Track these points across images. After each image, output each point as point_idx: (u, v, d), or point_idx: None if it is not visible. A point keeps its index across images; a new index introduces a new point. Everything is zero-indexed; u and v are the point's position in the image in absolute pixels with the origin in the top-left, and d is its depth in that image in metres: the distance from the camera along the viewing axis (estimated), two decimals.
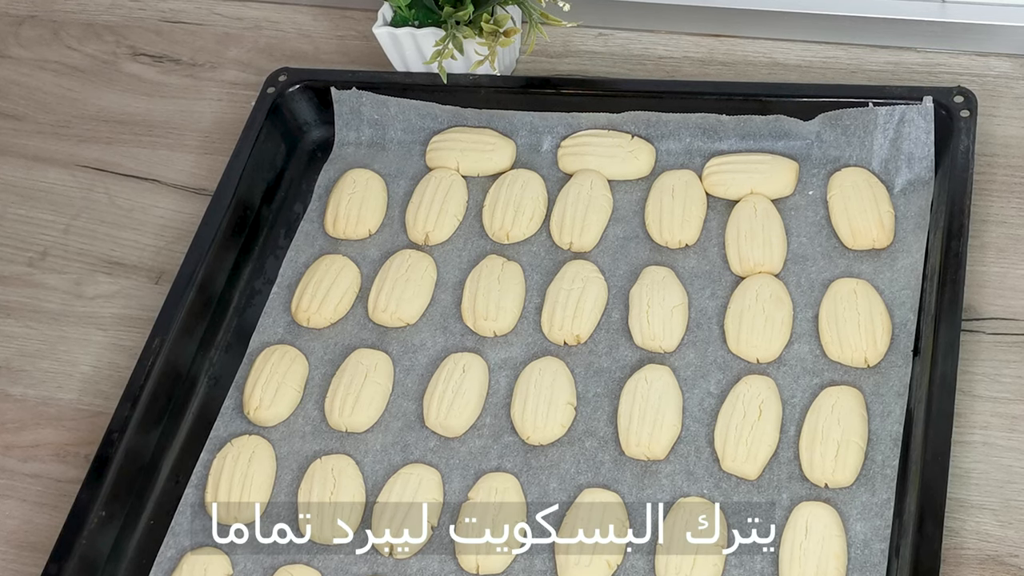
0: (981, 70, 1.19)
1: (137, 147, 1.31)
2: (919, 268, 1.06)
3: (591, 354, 1.07)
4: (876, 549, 0.94)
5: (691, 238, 1.12)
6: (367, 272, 1.15)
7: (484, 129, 1.20)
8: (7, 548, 1.07)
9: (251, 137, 1.21)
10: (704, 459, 1.01)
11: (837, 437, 0.98)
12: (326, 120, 1.24)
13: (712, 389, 1.04)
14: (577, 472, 1.02)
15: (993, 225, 1.11)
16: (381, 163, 1.21)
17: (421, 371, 1.09)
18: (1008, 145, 1.15)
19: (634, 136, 1.17)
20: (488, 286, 1.11)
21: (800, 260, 1.09)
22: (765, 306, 1.06)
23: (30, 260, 1.25)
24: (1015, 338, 1.05)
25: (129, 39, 1.40)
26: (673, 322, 1.07)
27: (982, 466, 0.99)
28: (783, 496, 0.98)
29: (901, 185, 1.11)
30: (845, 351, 1.03)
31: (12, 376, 1.17)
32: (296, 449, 1.07)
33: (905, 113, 1.10)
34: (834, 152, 1.13)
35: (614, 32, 1.29)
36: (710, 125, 1.15)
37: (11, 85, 1.38)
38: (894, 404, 1.00)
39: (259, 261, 1.18)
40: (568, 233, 1.13)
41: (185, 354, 1.11)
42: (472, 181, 1.19)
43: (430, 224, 1.16)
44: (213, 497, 1.04)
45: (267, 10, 1.39)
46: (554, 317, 1.09)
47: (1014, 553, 0.96)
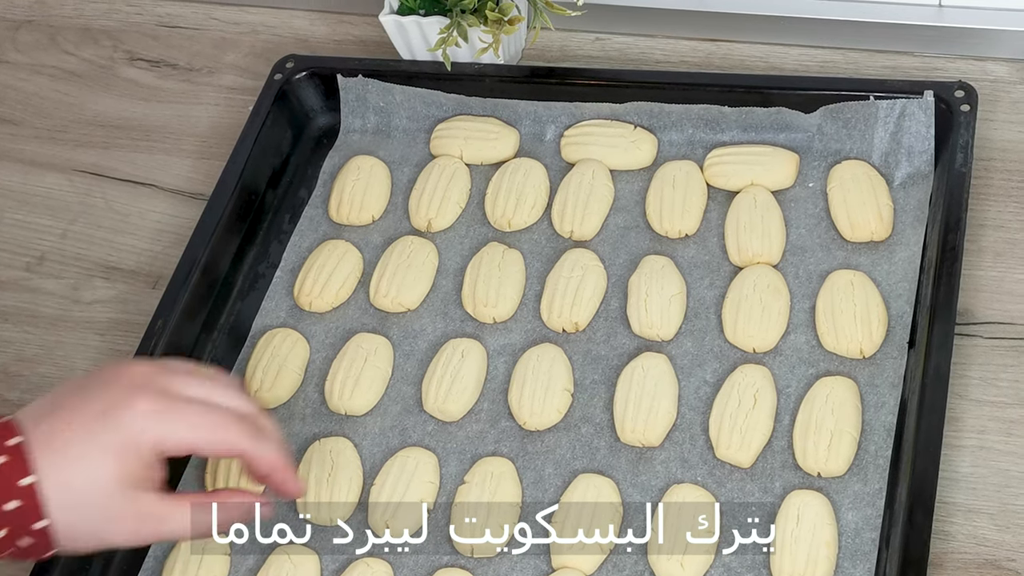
0: (978, 74, 1.20)
1: (134, 152, 1.31)
2: (916, 261, 1.06)
3: (589, 341, 1.08)
4: (867, 538, 0.95)
5: (691, 228, 1.12)
6: (369, 258, 1.16)
7: (488, 118, 1.21)
8: None
9: (257, 123, 1.21)
10: (699, 446, 1.01)
11: (831, 427, 0.99)
12: (332, 107, 1.25)
13: (708, 378, 1.04)
14: (573, 457, 1.03)
15: (990, 229, 1.11)
16: (386, 150, 1.22)
17: (420, 356, 1.10)
18: (1005, 149, 1.15)
19: (637, 126, 1.18)
20: (489, 273, 1.12)
21: (799, 251, 1.10)
22: (763, 296, 1.06)
23: (27, 265, 1.25)
24: (1012, 342, 1.05)
25: (126, 44, 1.40)
26: (671, 311, 1.08)
27: (979, 470, 0.99)
28: (776, 484, 0.98)
29: (901, 178, 1.11)
30: (841, 342, 1.04)
31: (9, 381, 1.17)
32: (296, 431, 1.08)
33: (906, 107, 1.10)
34: (835, 145, 1.13)
35: (611, 36, 1.29)
36: (712, 117, 1.16)
37: (8, 90, 1.38)
38: (888, 395, 1.00)
39: (263, 245, 1.19)
40: (569, 222, 1.14)
41: (188, 335, 1.12)
42: (475, 169, 1.20)
43: (432, 211, 1.17)
44: (213, 477, 1.05)
45: (264, 15, 1.39)
46: (553, 304, 1.10)
47: (1011, 557, 0.96)
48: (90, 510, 0.86)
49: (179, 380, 0.89)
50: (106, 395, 0.87)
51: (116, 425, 0.86)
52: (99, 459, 0.85)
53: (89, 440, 0.86)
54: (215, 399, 0.89)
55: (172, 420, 0.87)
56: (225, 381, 0.92)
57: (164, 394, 0.88)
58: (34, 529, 0.85)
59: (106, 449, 0.86)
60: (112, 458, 0.86)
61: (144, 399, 0.87)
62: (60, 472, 0.85)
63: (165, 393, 0.88)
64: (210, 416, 0.88)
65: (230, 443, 0.89)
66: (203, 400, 0.89)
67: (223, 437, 0.88)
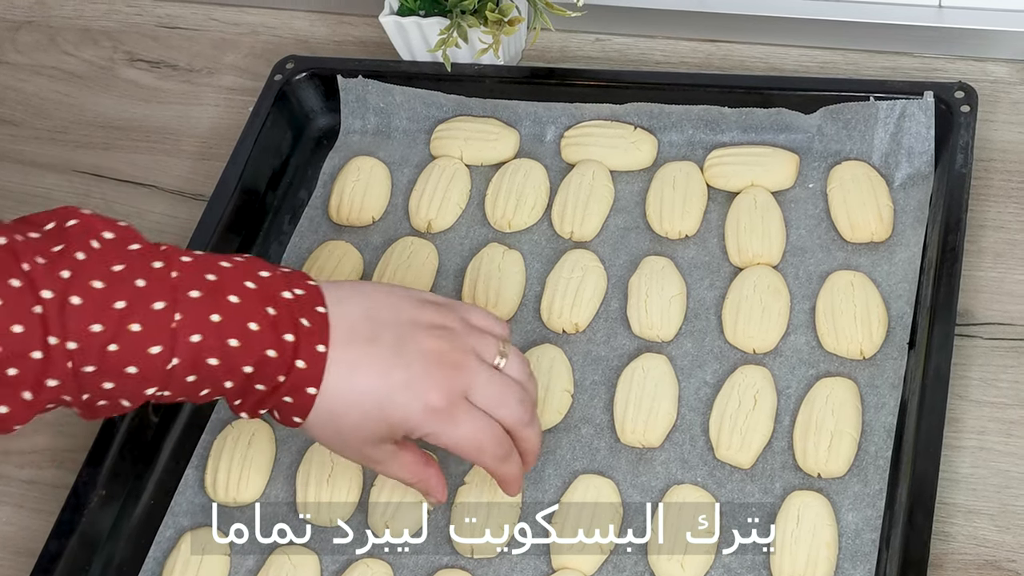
0: (978, 75, 1.20)
1: (134, 153, 1.31)
2: (917, 262, 1.06)
3: (589, 342, 1.08)
4: (867, 539, 0.95)
5: (691, 229, 1.12)
6: (369, 259, 1.16)
7: (488, 118, 1.21)
8: (4, 554, 1.08)
9: (257, 124, 1.21)
10: (699, 447, 1.01)
11: (831, 428, 0.99)
12: (332, 108, 1.25)
13: (708, 378, 1.04)
14: (573, 458, 1.03)
15: (990, 230, 1.11)
16: (386, 151, 1.22)
17: None
18: (1005, 150, 1.15)
19: (637, 127, 1.18)
20: (488, 274, 1.12)
21: (799, 252, 1.10)
22: (763, 297, 1.06)
23: None
24: (1012, 343, 1.05)
25: (126, 45, 1.40)
26: (671, 312, 1.08)
27: (979, 471, 0.99)
28: (776, 485, 0.98)
29: (901, 179, 1.11)
30: (841, 343, 1.04)
31: None
32: (296, 432, 1.07)
33: (906, 107, 1.11)
34: (835, 145, 1.14)
35: (611, 37, 1.29)
36: (712, 117, 1.16)
37: (8, 91, 1.38)
38: (888, 396, 1.00)
39: (263, 246, 1.19)
40: (569, 222, 1.14)
41: None
42: (475, 170, 1.20)
43: (432, 212, 1.17)
44: (212, 478, 1.05)
45: (264, 16, 1.39)
46: (553, 305, 1.10)
47: (1011, 558, 0.96)
48: (341, 420, 0.89)
49: (474, 364, 0.91)
50: (408, 352, 0.89)
51: (400, 404, 0.89)
52: (372, 411, 0.89)
53: (374, 389, 0.89)
54: (498, 407, 0.91)
55: (446, 427, 0.90)
56: (517, 366, 0.93)
57: (453, 384, 0.90)
58: (308, 394, 0.88)
59: (380, 412, 0.89)
60: (378, 423, 0.89)
61: (436, 391, 0.89)
62: (340, 381, 0.88)
63: (456, 383, 0.90)
64: (479, 435, 0.91)
65: (480, 462, 0.93)
66: (488, 406, 0.91)
67: (476, 456, 0.92)
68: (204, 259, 0.87)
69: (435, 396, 0.89)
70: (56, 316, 0.81)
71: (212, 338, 0.85)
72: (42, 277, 0.81)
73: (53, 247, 0.82)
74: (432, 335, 0.90)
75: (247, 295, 0.86)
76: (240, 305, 0.86)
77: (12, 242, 0.81)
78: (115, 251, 0.84)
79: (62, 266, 0.82)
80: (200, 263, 0.87)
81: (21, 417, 0.82)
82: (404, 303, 0.92)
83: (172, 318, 0.84)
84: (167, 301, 0.84)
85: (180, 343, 0.84)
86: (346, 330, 0.88)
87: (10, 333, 0.79)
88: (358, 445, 0.91)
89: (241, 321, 0.85)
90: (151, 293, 0.83)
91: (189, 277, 0.85)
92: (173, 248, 0.87)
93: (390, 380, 0.88)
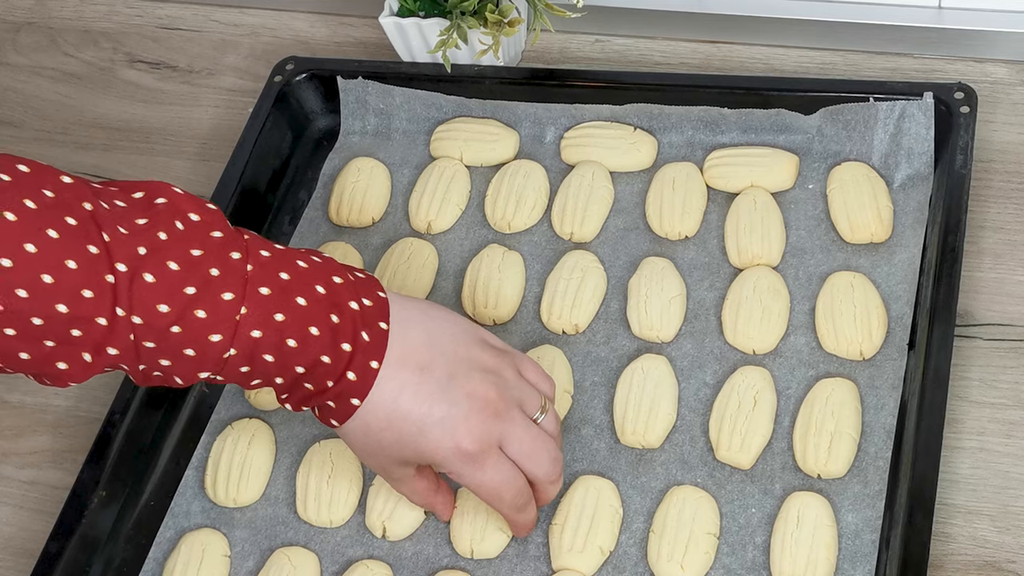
0: (978, 76, 1.19)
1: (135, 154, 1.31)
2: (916, 263, 1.06)
3: (589, 343, 1.08)
4: (867, 540, 0.95)
5: (691, 230, 1.13)
6: (369, 259, 1.16)
7: (488, 120, 1.21)
8: (4, 555, 1.08)
9: (257, 125, 1.21)
10: (698, 448, 1.01)
11: (831, 428, 0.99)
12: (332, 109, 1.25)
13: (708, 379, 1.04)
14: (573, 459, 1.03)
15: (990, 231, 1.11)
16: (386, 152, 1.22)
17: None
18: (1005, 151, 1.15)
19: (636, 128, 1.18)
20: (488, 275, 1.12)
21: (798, 253, 1.10)
22: (762, 298, 1.06)
23: None
24: (1011, 344, 1.05)
25: (126, 46, 1.40)
26: (671, 313, 1.08)
27: (979, 472, 1.00)
28: (776, 486, 0.98)
29: (900, 180, 1.11)
30: (841, 344, 1.04)
31: (9, 383, 1.17)
32: (296, 433, 1.08)
33: (906, 108, 1.11)
34: (834, 146, 1.14)
35: (611, 38, 1.29)
36: (712, 118, 1.16)
37: (8, 92, 1.38)
38: (888, 397, 1.01)
39: None
40: (569, 223, 1.14)
41: None
42: (475, 171, 1.20)
43: (432, 213, 1.17)
44: (213, 479, 1.06)
45: (264, 17, 1.39)
46: (553, 306, 1.10)
47: (1011, 559, 0.96)
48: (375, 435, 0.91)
49: (516, 416, 0.92)
50: (455, 388, 0.90)
51: (434, 439, 0.90)
52: (406, 436, 0.90)
53: (414, 417, 0.90)
54: (529, 460, 0.93)
55: (472, 471, 0.91)
56: (552, 422, 0.95)
57: (490, 432, 0.91)
58: (351, 404, 0.89)
59: (413, 439, 0.90)
60: (410, 449, 0.91)
61: (470, 436, 0.90)
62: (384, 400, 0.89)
63: (493, 431, 0.91)
64: (503, 485, 0.92)
65: (497, 508, 0.95)
66: (519, 458, 0.93)
67: (495, 503, 0.94)
68: (282, 255, 0.88)
69: (468, 441, 0.90)
70: (126, 289, 0.82)
71: (272, 336, 0.86)
72: (119, 248, 0.82)
73: (138, 219, 0.84)
74: (483, 379, 0.91)
75: (315, 299, 0.87)
76: (306, 308, 0.87)
77: (97, 210, 0.82)
78: (197, 235, 0.86)
79: (142, 241, 0.83)
80: (277, 259, 0.88)
81: (78, 376, 0.84)
82: (465, 338, 0.92)
83: (238, 311, 0.85)
84: (236, 294, 0.85)
85: (240, 336, 0.85)
86: (402, 352, 0.89)
87: (80, 296, 0.81)
88: (384, 460, 0.93)
89: (303, 324, 0.87)
90: (223, 283, 0.85)
91: (263, 273, 0.86)
92: (255, 238, 0.88)
93: (431, 412, 0.89)
